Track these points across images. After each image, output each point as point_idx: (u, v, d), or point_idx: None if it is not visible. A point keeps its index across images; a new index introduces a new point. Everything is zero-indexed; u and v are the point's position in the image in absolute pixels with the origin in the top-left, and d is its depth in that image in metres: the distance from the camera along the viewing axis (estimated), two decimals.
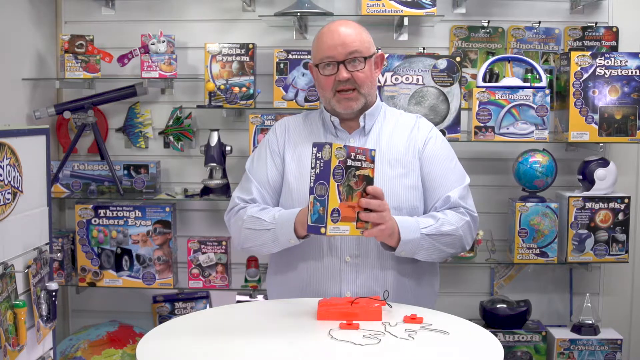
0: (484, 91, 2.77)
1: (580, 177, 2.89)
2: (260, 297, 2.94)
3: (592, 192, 2.84)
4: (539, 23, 3.02)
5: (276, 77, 2.90)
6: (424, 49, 2.99)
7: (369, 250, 1.99)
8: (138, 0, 3.09)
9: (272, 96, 2.92)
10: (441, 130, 2.59)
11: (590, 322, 2.92)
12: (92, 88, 3.08)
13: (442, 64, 2.80)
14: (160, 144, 3.12)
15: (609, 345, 2.88)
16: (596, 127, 2.78)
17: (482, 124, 2.78)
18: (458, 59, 2.81)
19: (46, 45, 3.06)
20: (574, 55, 2.76)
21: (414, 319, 1.71)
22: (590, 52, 2.78)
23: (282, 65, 2.90)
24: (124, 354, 2.86)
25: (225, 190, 2.95)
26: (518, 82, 2.80)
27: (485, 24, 3.03)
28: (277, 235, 1.96)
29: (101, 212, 2.91)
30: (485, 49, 3.05)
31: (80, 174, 3.02)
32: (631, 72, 2.77)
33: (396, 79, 2.79)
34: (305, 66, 2.88)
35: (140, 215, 2.91)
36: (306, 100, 2.90)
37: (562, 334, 2.91)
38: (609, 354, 2.87)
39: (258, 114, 2.90)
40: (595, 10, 3.04)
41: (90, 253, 2.92)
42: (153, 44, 2.90)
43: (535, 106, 2.76)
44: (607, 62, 2.77)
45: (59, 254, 2.75)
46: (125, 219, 2.91)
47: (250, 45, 2.91)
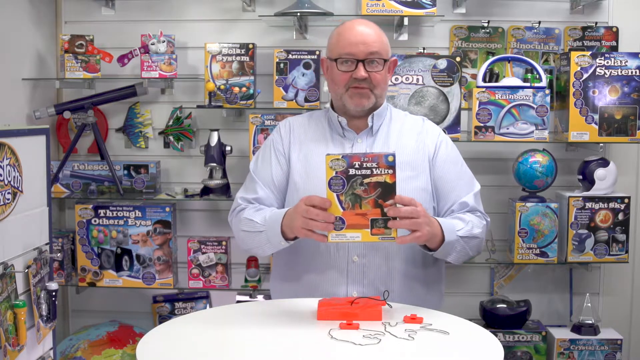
0: (484, 91, 2.77)
1: (580, 177, 2.89)
2: (260, 297, 2.94)
3: (592, 192, 2.84)
4: (539, 23, 3.02)
5: (276, 77, 2.90)
6: (424, 49, 2.99)
7: (376, 251, 1.99)
8: (138, 0, 3.09)
9: (272, 96, 2.92)
10: None
11: (590, 322, 2.92)
12: (92, 88, 3.08)
13: (442, 64, 2.80)
14: (160, 144, 3.12)
15: (609, 345, 2.88)
16: (596, 127, 2.78)
17: (482, 124, 2.78)
18: (458, 59, 2.81)
19: (46, 45, 3.06)
20: (574, 55, 2.76)
21: (414, 319, 1.71)
22: (590, 52, 2.78)
23: (282, 65, 2.90)
24: (124, 354, 2.85)
25: (225, 190, 2.94)
26: (518, 82, 2.80)
27: (485, 24, 3.03)
28: (269, 237, 1.95)
29: (101, 212, 2.91)
30: (485, 49, 3.05)
31: (80, 174, 3.02)
32: (631, 72, 2.77)
33: (396, 79, 2.79)
34: (306, 66, 2.88)
35: (140, 215, 2.91)
36: (306, 100, 2.90)
37: (562, 334, 2.91)
38: (609, 354, 2.87)
39: (258, 114, 2.90)
40: (595, 10, 3.04)
41: (90, 253, 2.92)
42: (153, 44, 2.90)
43: (535, 106, 2.76)
44: (607, 62, 2.77)
45: (59, 254, 2.76)
46: (125, 219, 2.91)
47: (250, 45, 2.91)
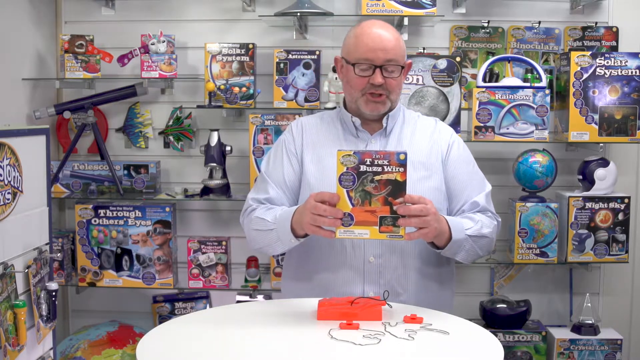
0: (484, 91, 2.77)
1: (580, 177, 2.88)
2: (260, 297, 2.94)
3: (592, 192, 2.84)
4: (539, 23, 3.02)
5: (276, 77, 2.90)
6: (424, 49, 2.99)
7: (392, 251, 1.99)
8: (138, 0, 3.09)
9: (272, 96, 2.92)
10: None
11: (590, 322, 2.92)
12: (92, 88, 3.08)
13: (442, 64, 2.80)
14: (160, 144, 3.12)
15: (609, 345, 2.88)
16: (596, 127, 2.78)
17: (482, 124, 2.78)
18: (458, 59, 2.81)
19: (46, 45, 3.06)
20: (574, 55, 2.76)
21: (414, 319, 1.71)
22: (590, 52, 2.78)
23: (282, 65, 2.90)
24: (124, 354, 2.85)
25: (225, 190, 2.94)
26: (518, 82, 2.80)
27: (485, 24, 3.03)
28: (279, 235, 1.95)
29: (101, 212, 2.91)
30: (485, 49, 3.05)
31: (80, 174, 3.02)
32: (631, 72, 2.77)
33: None
34: (306, 66, 2.88)
35: (140, 215, 2.91)
36: (306, 100, 2.90)
37: (562, 334, 2.91)
38: (609, 354, 2.87)
39: (258, 114, 2.90)
40: (595, 10, 3.04)
41: (90, 253, 2.92)
42: (153, 44, 2.90)
43: (535, 106, 2.76)
44: (607, 62, 2.77)
45: (59, 254, 2.76)
46: (125, 219, 2.91)
47: (250, 45, 2.91)
